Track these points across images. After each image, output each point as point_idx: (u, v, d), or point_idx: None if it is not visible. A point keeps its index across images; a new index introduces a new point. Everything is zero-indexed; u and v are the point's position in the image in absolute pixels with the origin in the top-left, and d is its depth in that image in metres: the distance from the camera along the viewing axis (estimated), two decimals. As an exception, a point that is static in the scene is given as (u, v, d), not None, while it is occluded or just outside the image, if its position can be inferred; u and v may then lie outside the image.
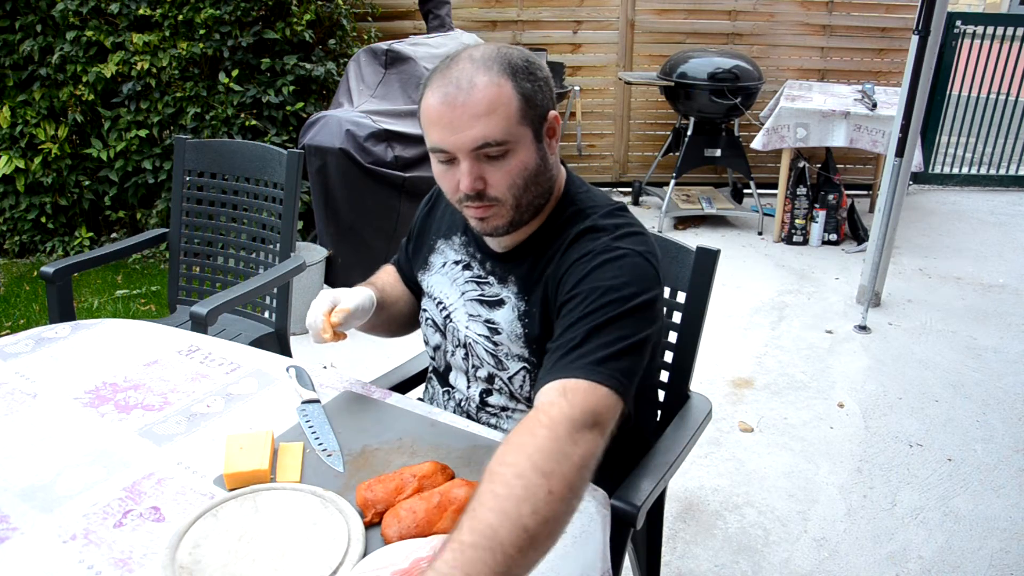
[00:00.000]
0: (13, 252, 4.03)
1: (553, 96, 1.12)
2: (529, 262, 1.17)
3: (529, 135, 1.07)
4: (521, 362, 1.18)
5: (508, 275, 1.19)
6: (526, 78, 1.06)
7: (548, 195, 1.15)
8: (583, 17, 4.82)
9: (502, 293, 1.19)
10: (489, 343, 1.20)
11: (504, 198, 1.08)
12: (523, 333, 1.16)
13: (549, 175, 1.13)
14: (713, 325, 3.24)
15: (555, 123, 1.11)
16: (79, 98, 3.73)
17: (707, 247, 1.43)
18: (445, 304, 1.27)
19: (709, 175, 5.15)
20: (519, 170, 1.07)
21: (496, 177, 1.07)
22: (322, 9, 3.89)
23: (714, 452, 2.45)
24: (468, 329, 1.22)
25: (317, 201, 3.21)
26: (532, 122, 1.07)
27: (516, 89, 1.05)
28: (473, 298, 1.22)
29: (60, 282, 2.02)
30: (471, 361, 1.24)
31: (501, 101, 1.03)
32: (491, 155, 1.05)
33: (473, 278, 1.23)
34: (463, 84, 1.03)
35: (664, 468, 1.27)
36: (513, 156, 1.06)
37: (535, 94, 1.07)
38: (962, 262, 4.07)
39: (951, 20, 4.75)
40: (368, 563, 0.90)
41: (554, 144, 1.13)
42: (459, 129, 1.03)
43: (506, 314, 1.17)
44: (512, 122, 1.04)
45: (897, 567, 1.99)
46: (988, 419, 2.65)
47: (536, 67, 1.09)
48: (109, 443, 1.15)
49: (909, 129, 3.09)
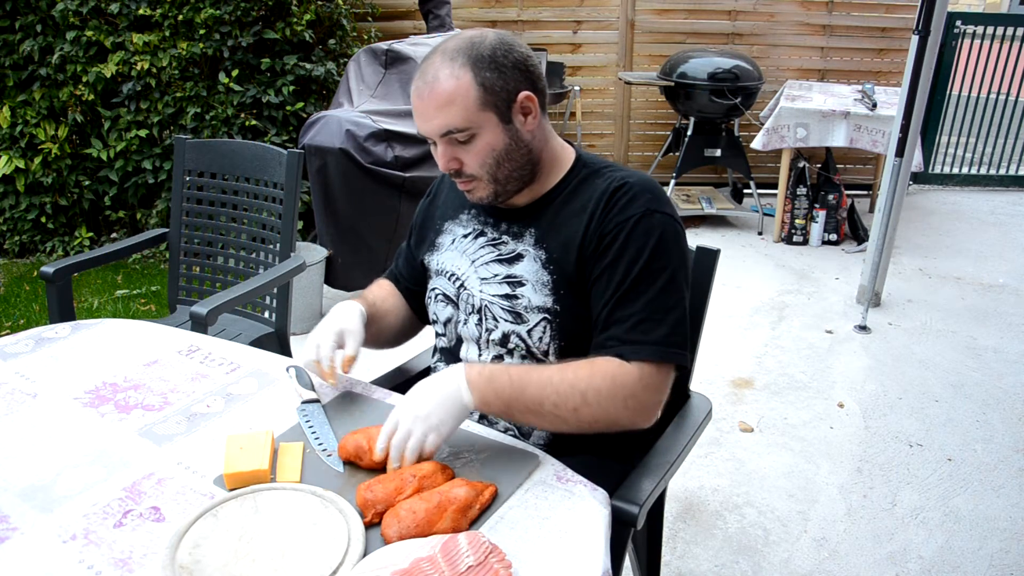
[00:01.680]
0: (13, 252, 4.03)
1: (530, 76, 1.19)
2: (547, 216, 1.25)
3: (493, 119, 1.16)
4: (542, 313, 1.22)
5: (524, 231, 1.26)
6: (488, 67, 1.15)
7: (531, 166, 1.23)
8: (583, 17, 4.82)
9: (519, 248, 1.26)
10: (507, 300, 1.24)
11: (479, 174, 1.20)
12: (549, 280, 1.22)
13: (525, 149, 1.21)
14: (713, 325, 3.24)
15: (528, 101, 1.19)
16: (79, 98, 3.73)
17: (707, 247, 1.43)
18: (457, 275, 1.31)
19: (709, 175, 5.15)
20: (487, 151, 1.18)
21: (468, 157, 1.19)
22: (322, 9, 3.89)
23: (714, 452, 2.45)
24: (483, 292, 1.27)
25: (317, 201, 3.21)
26: (495, 106, 1.16)
27: (475, 79, 1.14)
28: (488, 260, 1.28)
29: (60, 282, 2.02)
30: (485, 324, 1.27)
31: (459, 93, 1.14)
32: (459, 139, 1.17)
33: (488, 243, 1.29)
34: (428, 78, 1.15)
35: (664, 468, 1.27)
36: (479, 139, 1.17)
37: (497, 81, 1.15)
38: (962, 262, 4.07)
39: (951, 20, 4.75)
40: (368, 563, 0.90)
41: (531, 120, 1.20)
42: (428, 118, 1.16)
43: (528, 265, 1.24)
44: (471, 110, 1.14)
45: (897, 567, 1.99)
46: (988, 419, 2.65)
47: (503, 53, 1.16)
48: (109, 443, 1.15)
49: (909, 129, 3.09)
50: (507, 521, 0.99)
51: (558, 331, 1.22)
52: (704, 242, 1.45)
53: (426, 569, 0.87)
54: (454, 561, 0.87)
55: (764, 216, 4.57)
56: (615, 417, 1.12)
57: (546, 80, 1.35)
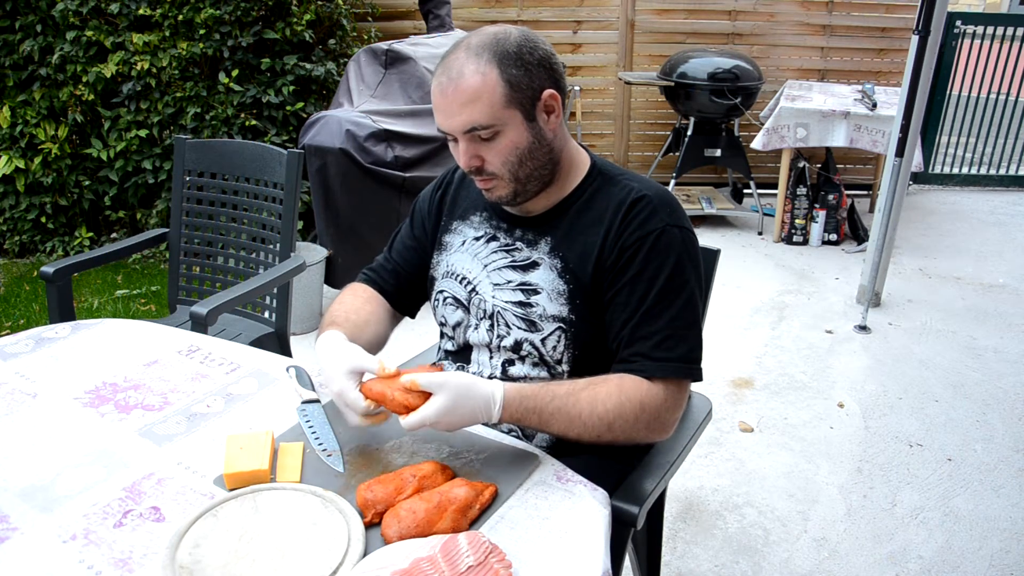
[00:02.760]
0: (13, 252, 4.03)
1: (554, 74, 1.18)
2: (563, 225, 1.24)
3: (518, 116, 1.15)
4: (556, 322, 1.22)
5: (539, 239, 1.25)
6: (514, 63, 1.13)
7: (552, 166, 1.22)
8: (583, 17, 4.82)
9: (534, 255, 1.25)
10: (521, 308, 1.23)
11: (500, 173, 1.18)
12: (566, 290, 1.21)
13: (547, 148, 1.20)
14: (713, 325, 3.24)
15: (552, 100, 1.17)
16: (79, 98, 3.73)
17: (707, 247, 1.43)
18: (469, 279, 1.30)
19: (709, 175, 5.15)
20: (511, 148, 1.16)
21: (491, 155, 1.16)
22: (322, 9, 3.89)
23: (714, 452, 2.45)
24: (495, 298, 1.26)
25: (317, 201, 3.21)
26: (521, 104, 1.14)
27: (502, 76, 1.12)
28: (502, 266, 1.26)
29: (60, 282, 2.02)
30: (496, 331, 1.26)
31: (485, 89, 1.11)
32: (483, 136, 1.14)
33: (501, 248, 1.28)
34: (453, 73, 1.13)
35: (664, 468, 1.27)
36: (503, 136, 1.15)
37: (523, 78, 1.14)
38: (962, 262, 4.07)
39: (951, 20, 4.75)
40: (368, 563, 0.90)
41: (553, 119, 1.19)
42: (451, 115, 1.14)
43: (544, 274, 1.23)
44: (497, 107, 1.12)
45: (897, 567, 1.99)
46: (988, 419, 2.65)
47: (528, 50, 1.15)
48: (109, 443, 1.15)
49: (909, 129, 3.09)
50: (507, 521, 0.99)
51: (572, 340, 1.22)
52: (704, 242, 1.45)
53: (426, 569, 0.87)
54: (454, 561, 0.87)
55: (764, 216, 4.57)
56: (635, 438, 1.15)
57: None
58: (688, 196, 4.81)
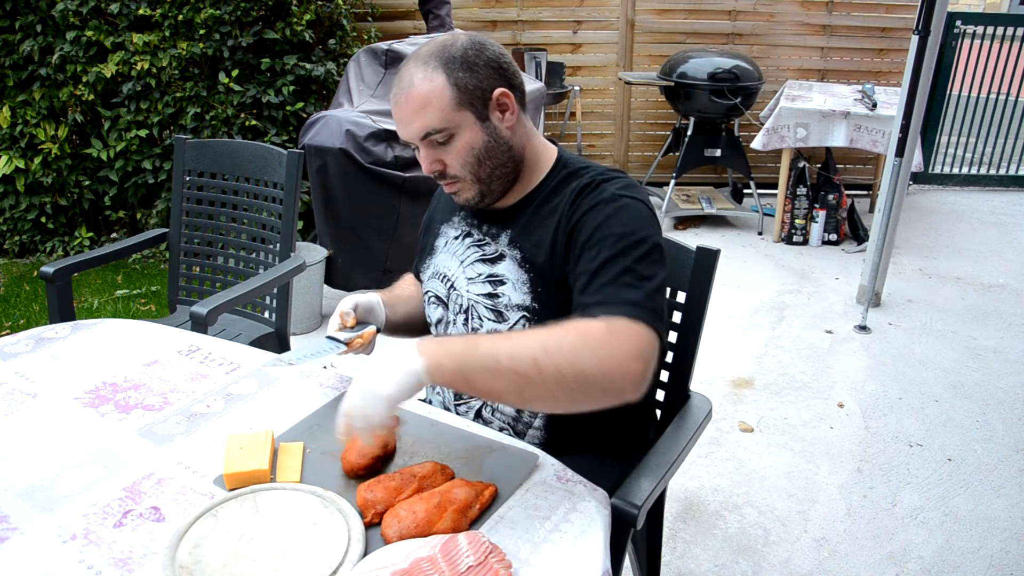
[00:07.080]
0: (13, 252, 4.03)
1: (504, 74, 1.20)
2: (524, 218, 1.26)
3: (470, 117, 1.18)
4: (521, 311, 1.23)
5: (501, 232, 1.28)
6: (461, 67, 1.16)
7: (514, 164, 1.24)
8: (583, 17, 4.82)
9: (500, 248, 1.27)
10: (489, 299, 1.25)
11: (462, 175, 1.21)
12: (528, 279, 1.22)
13: (505, 147, 1.22)
14: (713, 325, 3.24)
15: (504, 98, 1.19)
16: (79, 98, 3.73)
17: (707, 247, 1.43)
18: (448, 275, 1.33)
19: (709, 175, 5.15)
20: (467, 150, 1.19)
21: (450, 158, 1.20)
22: (322, 9, 3.89)
23: (714, 452, 2.45)
24: (469, 292, 1.28)
25: (317, 201, 3.21)
26: (471, 105, 1.17)
27: (449, 80, 1.15)
28: (475, 260, 1.29)
29: (60, 282, 2.02)
30: (471, 324, 1.28)
31: (434, 94, 1.15)
32: (439, 141, 1.18)
33: (474, 243, 1.31)
34: (404, 84, 1.17)
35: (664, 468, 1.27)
36: (458, 138, 1.18)
37: (470, 80, 1.16)
38: (962, 262, 4.07)
39: (951, 20, 4.75)
40: (368, 563, 0.90)
41: (509, 117, 1.21)
42: (407, 123, 1.18)
43: (509, 265, 1.25)
44: (448, 111, 1.16)
45: (897, 567, 1.99)
46: (988, 419, 2.65)
47: (475, 52, 1.18)
48: (109, 443, 1.15)
49: (909, 129, 3.09)
50: (507, 521, 0.99)
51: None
52: (704, 242, 1.45)
53: (426, 569, 0.87)
54: (454, 561, 0.87)
55: (764, 216, 4.57)
56: (583, 369, 0.98)
57: (544, 80, 1.36)
58: (688, 196, 4.81)
